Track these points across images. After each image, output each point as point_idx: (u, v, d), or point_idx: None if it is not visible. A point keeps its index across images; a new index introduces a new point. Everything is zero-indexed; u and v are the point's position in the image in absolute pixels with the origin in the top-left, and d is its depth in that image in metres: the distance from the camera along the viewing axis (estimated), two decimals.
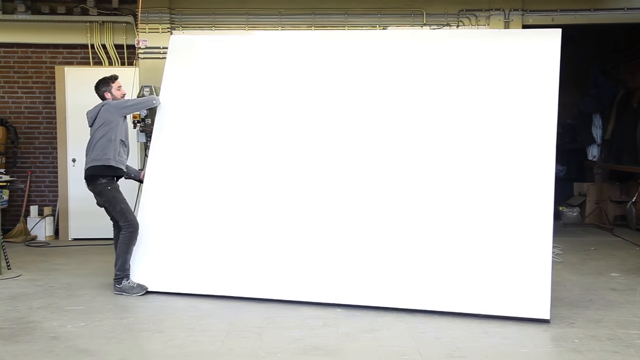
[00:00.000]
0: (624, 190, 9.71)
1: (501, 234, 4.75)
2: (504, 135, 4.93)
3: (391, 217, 4.96)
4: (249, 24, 8.26)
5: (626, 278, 5.99)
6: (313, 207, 5.18)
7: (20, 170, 8.71)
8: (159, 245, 5.40)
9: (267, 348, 4.00)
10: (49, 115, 8.83)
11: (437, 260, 4.77)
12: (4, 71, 8.81)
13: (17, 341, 4.16)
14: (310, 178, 5.26)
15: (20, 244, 8.15)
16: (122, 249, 5.31)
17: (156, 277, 5.31)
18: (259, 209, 5.28)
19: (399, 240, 4.90)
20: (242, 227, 5.27)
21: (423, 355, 3.88)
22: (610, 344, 4.08)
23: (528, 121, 4.93)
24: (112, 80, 5.64)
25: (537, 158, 4.78)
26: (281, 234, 5.15)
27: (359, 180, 5.14)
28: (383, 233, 4.93)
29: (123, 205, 5.38)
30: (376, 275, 4.84)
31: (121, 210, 5.36)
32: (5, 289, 5.63)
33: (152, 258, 5.38)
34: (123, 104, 5.60)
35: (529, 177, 4.77)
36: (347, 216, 5.06)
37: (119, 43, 8.56)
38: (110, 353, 3.95)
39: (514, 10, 8.25)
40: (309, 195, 5.22)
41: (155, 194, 5.56)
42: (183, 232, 5.39)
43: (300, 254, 5.05)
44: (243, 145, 5.50)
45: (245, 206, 5.33)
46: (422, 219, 4.90)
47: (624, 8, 8.27)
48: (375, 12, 8.26)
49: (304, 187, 5.25)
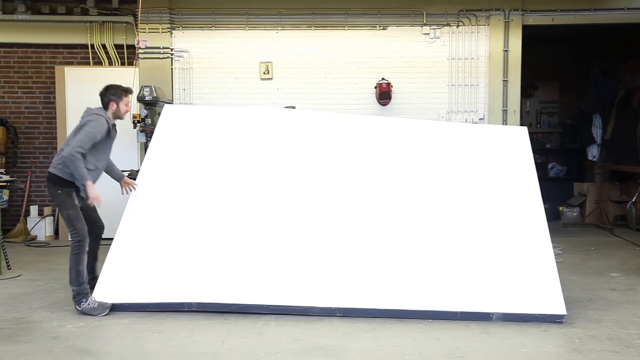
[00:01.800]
0: (624, 190, 9.71)
1: (508, 240, 4.90)
2: None
3: (403, 236, 5.01)
4: (249, 24, 8.27)
5: (626, 278, 5.99)
6: (312, 214, 5.14)
7: (20, 170, 8.72)
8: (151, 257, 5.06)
9: (267, 348, 4.00)
10: (49, 115, 8.83)
11: (454, 268, 4.81)
12: (4, 71, 8.82)
13: (17, 341, 4.16)
14: (309, 190, 5.26)
15: (20, 244, 8.15)
16: (73, 260, 4.83)
17: (148, 287, 4.93)
18: (254, 214, 5.16)
19: (410, 249, 4.93)
20: (237, 232, 5.10)
21: (423, 355, 3.88)
22: (610, 344, 4.08)
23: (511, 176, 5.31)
24: (126, 94, 5.16)
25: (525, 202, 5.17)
26: (280, 244, 5.03)
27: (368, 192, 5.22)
28: (394, 249, 4.96)
29: (72, 211, 4.91)
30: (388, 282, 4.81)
31: (68, 216, 4.90)
32: (5, 289, 5.64)
33: (143, 269, 5.02)
34: (80, 143, 4.85)
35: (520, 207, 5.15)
36: (358, 228, 5.05)
37: (119, 43, 8.57)
38: (110, 353, 3.95)
39: (514, 10, 8.26)
40: (307, 203, 5.19)
41: (143, 209, 5.30)
42: (173, 242, 5.10)
43: (300, 261, 4.94)
44: (232, 175, 5.38)
45: (240, 210, 5.19)
46: (433, 232, 5.00)
47: (624, 8, 8.28)
48: (375, 12, 8.26)
49: (303, 192, 5.25)
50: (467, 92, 8.31)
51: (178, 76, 8.28)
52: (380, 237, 4.98)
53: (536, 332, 4.32)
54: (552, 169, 11.41)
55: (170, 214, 5.22)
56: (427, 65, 8.30)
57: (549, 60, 10.82)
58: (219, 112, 5.92)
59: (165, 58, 8.21)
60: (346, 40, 8.17)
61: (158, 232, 5.13)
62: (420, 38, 8.29)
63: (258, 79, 8.31)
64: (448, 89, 8.31)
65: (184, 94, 8.29)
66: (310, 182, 5.29)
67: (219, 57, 8.30)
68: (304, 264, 4.89)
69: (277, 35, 8.28)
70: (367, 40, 8.27)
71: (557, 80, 11.52)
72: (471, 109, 8.32)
